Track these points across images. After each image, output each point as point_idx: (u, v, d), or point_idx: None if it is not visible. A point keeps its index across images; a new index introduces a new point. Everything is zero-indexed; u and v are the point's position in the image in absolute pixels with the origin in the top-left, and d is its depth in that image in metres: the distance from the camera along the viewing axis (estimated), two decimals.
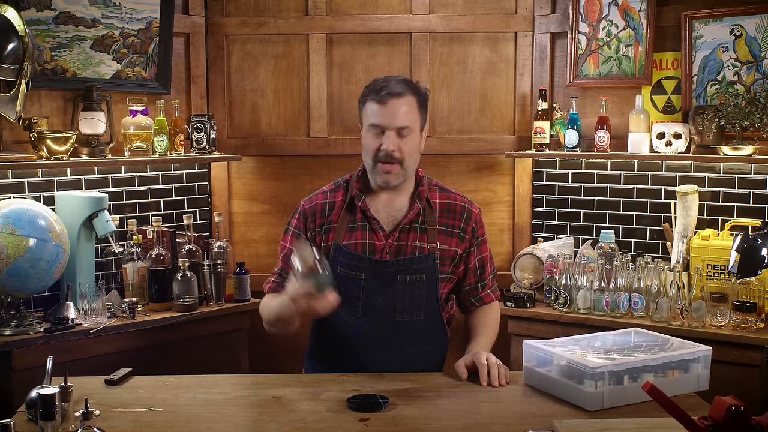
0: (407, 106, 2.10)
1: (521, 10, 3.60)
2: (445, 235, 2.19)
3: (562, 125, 3.46)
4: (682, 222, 3.15)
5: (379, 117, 2.09)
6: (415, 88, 2.15)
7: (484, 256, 2.30)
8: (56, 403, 1.61)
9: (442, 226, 2.19)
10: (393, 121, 2.08)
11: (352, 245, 2.17)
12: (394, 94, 2.08)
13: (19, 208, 2.68)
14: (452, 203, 2.23)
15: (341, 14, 3.63)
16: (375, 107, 2.10)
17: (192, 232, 3.24)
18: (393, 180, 2.13)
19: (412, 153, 2.13)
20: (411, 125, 2.10)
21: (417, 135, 2.15)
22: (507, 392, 2.02)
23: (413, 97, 2.12)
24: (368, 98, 2.12)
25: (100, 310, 2.85)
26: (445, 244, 2.19)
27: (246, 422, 1.82)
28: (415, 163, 2.17)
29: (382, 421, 1.82)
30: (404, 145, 2.10)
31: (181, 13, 3.52)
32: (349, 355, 2.20)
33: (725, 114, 3.06)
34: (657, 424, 1.67)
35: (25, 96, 2.81)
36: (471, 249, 2.25)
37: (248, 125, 3.67)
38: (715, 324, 2.88)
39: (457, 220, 2.21)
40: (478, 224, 2.25)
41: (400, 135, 2.09)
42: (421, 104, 2.15)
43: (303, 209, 2.23)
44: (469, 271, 2.27)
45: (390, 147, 2.08)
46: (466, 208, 2.24)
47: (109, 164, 3.20)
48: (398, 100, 2.08)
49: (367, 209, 2.19)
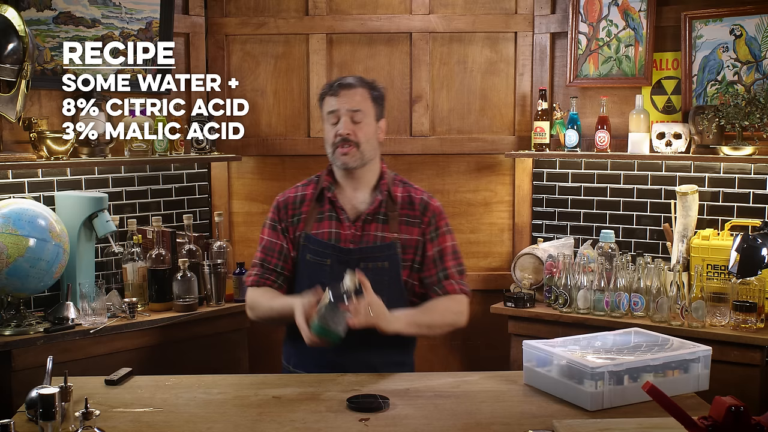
0: (359, 96, 2.29)
1: (521, 10, 3.60)
2: (407, 225, 2.31)
3: (562, 125, 3.45)
4: (682, 222, 3.15)
5: (334, 104, 2.28)
6: (368, 82, 2.34)
7: (444, 247, 2.33)
8: (56, 403, 1.61)
9: (404, 216, 2.31)
10: (345, 105, 2.26)
11: (319, 234, 2.31)
12: (345, 85, 2.29)
13: (19, 208, 2.68)
14: (413, 197, 2.35)
15: (341, 14, 3.63)
16: (330, 99, 2.29)
17: (192, 232, 3.24)
18: (350, 162, 2.27)
19: (368, 138, 2.28)
20: (364, 110, 2.27)
21: (372, 123, 2.30)
22: (507, 392, 2.03)
23: (365, 89, 2.31)
24: (325, 94, 2.32)
25: (100, 310, 2.85)
26: (407, 233, 2.30)
27: (246, 422, 1.82)
28: (372, 149, 2.31)
29: (382, 421, 1.82)
30: (359, 130, 2.26)
31: (181, 13, 3.52)
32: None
33: (725, 114, 3.06)
34: (657, 424, 1.67)
35: (25, 96, 2.82)
36: (427, 238, 2.32)
37: (248, 125, 3.67)
38: (715, 324, 2.88)
39: (417, 211, 2.33)
40: (437, 217, 2.34)
41: (354, 120, 2.26)
42: (375, 97, 2.32)
43: (277, 203, 2.40)
44: (428, 260, 2.31)
45: (345, 130, 2.25)
46: (425, 201, 2.36)
47: (109, 164, 3.20)
48: (350, 90, 2.28)
49: (336, 200, 2.33)
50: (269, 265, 2.34)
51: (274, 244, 2.34)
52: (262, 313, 2.31)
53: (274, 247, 2.34)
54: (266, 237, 2.37)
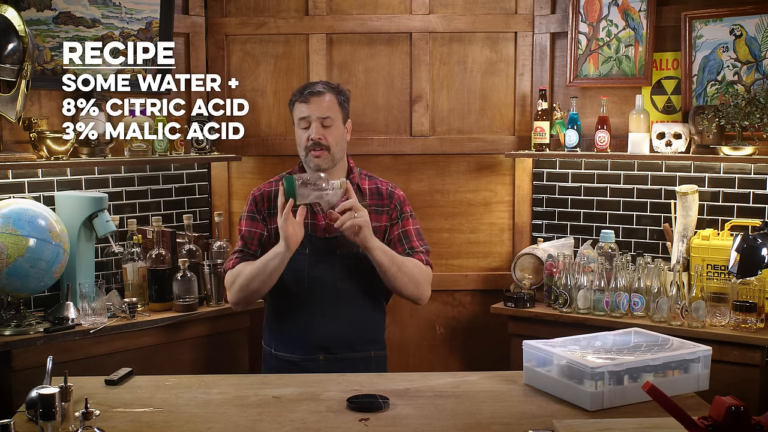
0: (327, 102, 2.39)
1: (521, 10, 3.60)
2: (377, 214, 2.44)
3: (562, 125, 3.45)
4: (682, 222, 3.15)
5: (305, 111, 2.39)
6: (334, 87, 2.45)
7: (408, 229, 2.47)
8: (56, 403, 1.62)
9: (373, 206, 2.44)
10: (315, 113, 2.37)
11: None
12: (314, 92, 2.39)
13: (19, 208, 2.68)
14: (380, 188, 2.49)
15: (341, 14, 3.63)
16: (301, 106, 2.40)
17: (192, 232, 3.24)
18: (323, 163, 2.39)
19: (337, 141, 2.40)
20: (333, 116, 2.39)
21: (340, 126, 2.42)
22: (507, 392, 2.03)
23: (333, 95, 2.41)
24: (295, 100, 2.43)
25: (100, 310, 2.85)
26: (376, 221, 2.42)
27: (246, 422, 1.82)
28: (341, 150, 2.43)
29: (382, 421, 1.82)
30: (329, 134, 2.38)
31: (181, 13, 3.52)
32: (299, 322, 2.39)
33: (725, 114, 3.06)
34: (657, 424, 1.67)
35: (25, 96, 2.82)
36: (393, 222, 2.47)
37: (248, 125, 3.67)
38: (715, 324, 2.89)
39: (385, 200, 2.47)
40: (402, 204, 2.49)
41: (323, 125, 2.38)
42: (341, 102, 2.43)
43: (254, 196, 2.50)
44: (394, 240, 2.45)
45: (316, 135, 2.36)
46: (390, 190, 2.50)
47: (109, 164, 3.20)
48: (319, 97, 2.39)
49: None
50: (248, 250, 2.42)
51: (253, 232, 2.43)
52: (242, 279, 2.35)
53: (253, 235, 2.43)
54: (244, 228, 2.46)
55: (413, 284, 2.37)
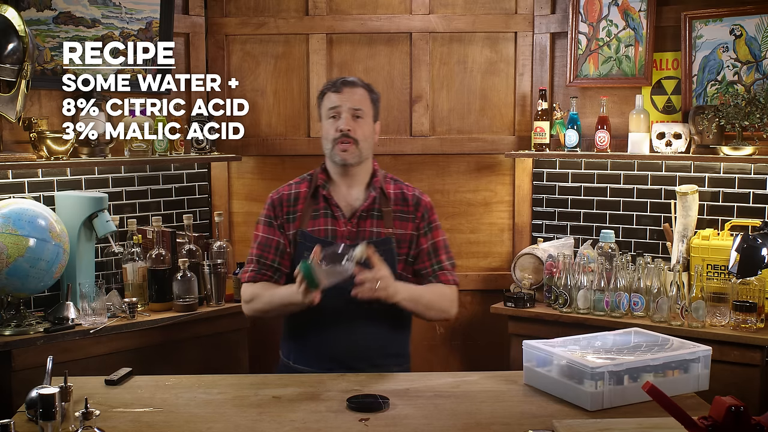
0: (360, 95, 2.34)
1: (521, 10, 3.60)
2: (401, 221, 2.37)
3: (562, 125, 3.45)
4: (682, 222, 3.15)
5: (336, 101, 2.32)
6: (368, 85, 2.40)
7: (437, 241, 2.41)
8: (56, 403, 1.62)
9: (397, 212, 2.37)
10: (347, 103, 2.31)
11: (315, 231, 2.34)
12: (348, 83, 2.34)
13: (19, 208, 2.68)
14: (406, 193, 2.41)
15: (341, 14, 3.63)
16: (332, 95, 2.34)
17: (192, 232, 3.24)
18: (349, 158, 2.31)
19: (366, 137, 2.33)
20: (364, 109, 2.33)
21: (370, 122, 2.36)
22: (507, 392, 2.03)
23: (365, 90, 2.37)
24: (326, 91, 2.37)
25: (100, 310, 2.85)
26: (401, 228, 2.36)
27: (246, 422, 1.83)
28: (369, 148, 2.36)
29: (382, 421, 1.82)
30: (359, 127, 2.31)
31: (181, 13, 3.52)
32: (319, 336, 2.31)
33: (725, 114, 3.06)
34: (657, 424, 1.67)
35: (25, 96, 2.82)
36: (421, 232, 2.39)
37: (248, 125, 3.67)
38: (715, 324, 2.88)
39: (410, 207, 2.39)
40: (429, 212, 2.41)
41: (354, 117, 2.31)
42: (373, 99, 2.38)
43: (272, 200, 2.41)
44: (423, 253, 2.38)
45: (346, 126, 2.29)
46: (417, 196, 2.42)
47: (109, 164, 3.20)
48: (353, 89, 2.34)
49: (331, 197, 2.36)
50: (266, 260, 2.35)
51: (270, 240, 2.36)
52: (261, 305, 2.33)
53: (270, 243, 2.36)
54: (261, 233, 2.38)
55: (439, 312, 2.37)
